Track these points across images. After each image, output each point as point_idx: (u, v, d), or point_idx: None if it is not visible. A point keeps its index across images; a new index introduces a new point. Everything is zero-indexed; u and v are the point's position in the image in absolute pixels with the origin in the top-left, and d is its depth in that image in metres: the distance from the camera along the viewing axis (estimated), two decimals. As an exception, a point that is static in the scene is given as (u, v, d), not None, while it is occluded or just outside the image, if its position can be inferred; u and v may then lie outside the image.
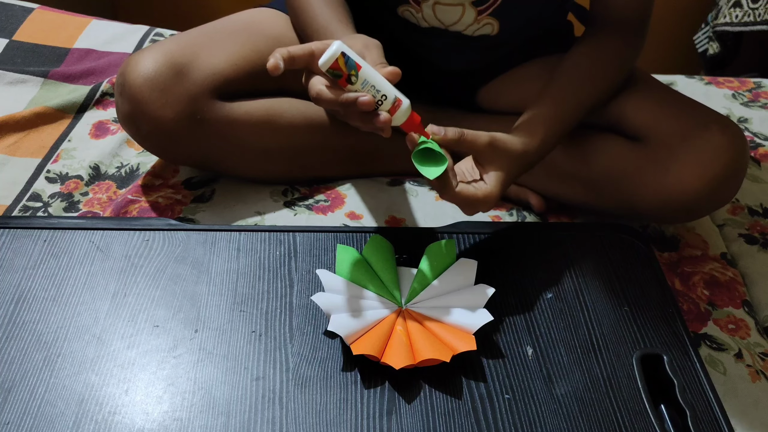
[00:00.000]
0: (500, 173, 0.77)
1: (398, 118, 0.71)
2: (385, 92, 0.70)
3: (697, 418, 0.68)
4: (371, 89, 0.69)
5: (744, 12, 1.66)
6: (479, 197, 0.75)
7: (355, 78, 0.69)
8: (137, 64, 0.87)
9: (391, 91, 0.71)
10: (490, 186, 0.76)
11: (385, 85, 0.70)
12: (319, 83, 0.71)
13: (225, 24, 0.98)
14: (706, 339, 0.85)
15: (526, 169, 0.82)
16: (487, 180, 0.77)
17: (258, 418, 0.66)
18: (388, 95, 0.70)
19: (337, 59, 0.68)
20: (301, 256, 0.82)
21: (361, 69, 0.69)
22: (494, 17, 0.93)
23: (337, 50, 0.68)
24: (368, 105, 0.69)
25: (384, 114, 0.70)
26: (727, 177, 0.85)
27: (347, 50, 0.69)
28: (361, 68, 0.69)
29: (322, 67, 0.69)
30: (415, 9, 0.93)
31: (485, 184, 0.76)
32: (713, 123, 0.85)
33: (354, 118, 0.72)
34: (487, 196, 0.75)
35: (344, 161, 1.02)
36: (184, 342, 0.73)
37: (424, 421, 0.67)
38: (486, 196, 0.75)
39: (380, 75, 0.71)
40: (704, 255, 0.96)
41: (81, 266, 0.79)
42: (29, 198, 0.98)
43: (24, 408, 0.66)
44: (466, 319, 0.73)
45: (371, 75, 0.70)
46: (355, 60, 0.69)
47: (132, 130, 0.90)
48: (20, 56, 1.21)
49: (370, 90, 0.69)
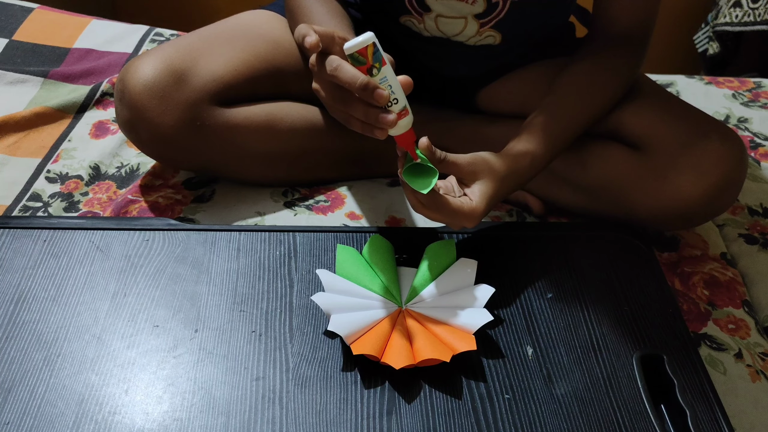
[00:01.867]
0: (484, 190, 0.77)
1: (400, 127, 0.72)
2: (398, 96, 0.70)
3: (697, 418, 0.68)
4: (387, 88, 0.70)
5: (744, 12, 1.66)
6: (465, 211, 0.75)
7: (376, 71, 0.69)
8: (137, 70, 0.87)
9: (403, 97, 0.71)
10: (474, 201, 0.76)
11: (400, 90, 0.71)
12: (338, 60, 0.70)
13: (224, 27, 0.97)
14: (706, 339, 0.85)
15: (517, 187, 0.82)
16: (471, 195, 0.77)
17: (258, 418, 0.66)
18: (399, 99, 0.70)
19: (367, 46, 0.68)
20: (301, 256, 0.82)
21: (386, 65, 0.69)
22: (496, 29, 0.92)
23: (369, 38, 0.68)
24: (383, 99, 0.69)
25: (392, 114, 0.70)
26: (726, 186, 0.85)
27: (380, 49, 0.69)
28: (385, 64, 0.69)
29: (349, 50, 0.68)
30: (417, 20, 0.93)
31: (470, 200, 0.76)
32: (712, 132, 0.85)
33: (358, 113, 0.72)
34: (473, 210, 0.76)
35: (345, 164, 1.01)
36: (184, 342, 0.73)
37: (424, 421, 0.67)
38: (472, 210, 0.76)
39: (399, 84, 0.71)
40: (704, 255, 0.96)
41: (81, 266, 0.79)
42: (29, 198, 0.98)
43: (24, 408, 0.66)
44: (466, 319, 0.73)
45: (391, 74, 0.70)
46: (382, 54, 0.69)
47: (132, 137, 0.90)
48: (20, 56, 1.21)
49: (386, 89, 0.70)
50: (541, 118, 0.84)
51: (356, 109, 0.72)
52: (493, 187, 0.78)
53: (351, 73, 0.69)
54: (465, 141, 1.02)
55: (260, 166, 0.96)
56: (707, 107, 1.23)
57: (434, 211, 0.75)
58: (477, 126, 1.03)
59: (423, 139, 0.74)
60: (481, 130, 1.02)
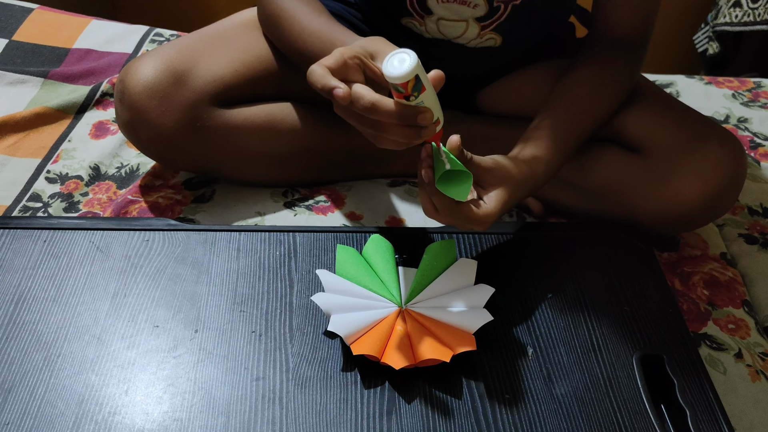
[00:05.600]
0: (501, 195, 0.76)
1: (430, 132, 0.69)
2: (434, 110, 0.67)
3: (697, 418, 0.68)
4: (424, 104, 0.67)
5: (744, 12, 1.66)
6: (479, 216, 0.74)
7: (413, 98, 0.66)
8: (137, 71, 0.87)
9: (438, 108, 0.68)
10: (489, 206, 0.75)
11: (436, 103, 0.68)
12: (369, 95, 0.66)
13: (224, 28, 0.97)
14: (706, 339, 0.85)
15: (530, 193, 0.81)
16: (487, 200, 0.75)
17: (258, 418, 0.66)
18: (435, 112, 0.68)
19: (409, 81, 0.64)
20: (301, 256, 0.82)
21: (425, 91, 0.65)
22: (497, 32, 0.92)
23: (413, 71, 0.63)
24: (427, 121, 0.67)
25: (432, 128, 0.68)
26: (725, 189, 0.85)
27: (422, 72, 0.65)
28: (425, 90, 0.65)
29: (393, 80, 0.64)
30: (419, 22, 0.93)
31: (485, 204, 0.75)
32: (712, 135, 0.85)
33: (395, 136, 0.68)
34: (487, 215, 0.74)
35: (345, 164, 1.01)
36: (184, 342, 0.73)
37: (424, 421, 0.67)
38: (486, 215, 0.74)
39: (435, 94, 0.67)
40: (704, 255, 0.96)
41: (81, 266, 0.79)
42: (29, 198, 0.98)
43: (24, 408, 0.66)
44: (466, 319, 0.73)
45: (430, 97, 0.67)
46: (423, 82, 0.65)
47: (132, 138, 0.90)
48: (20, 56, 1.21)
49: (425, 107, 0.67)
50: (551, 123, 0.84)
51: (393, 132, 0.68)
52: (509, 193, 0.76)
53: (388, 109, 0.66)
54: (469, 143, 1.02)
55: (260, 167, 0.96)
56: (707, 107, 1.23)
57: (449, 216, 0.74)
58: (477, 126, 1.03)
59: (454, 137, 0.71)
60: (482, 132, 1.02)
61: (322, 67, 0.68)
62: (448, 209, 0.73)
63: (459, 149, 0.72)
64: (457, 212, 0.73)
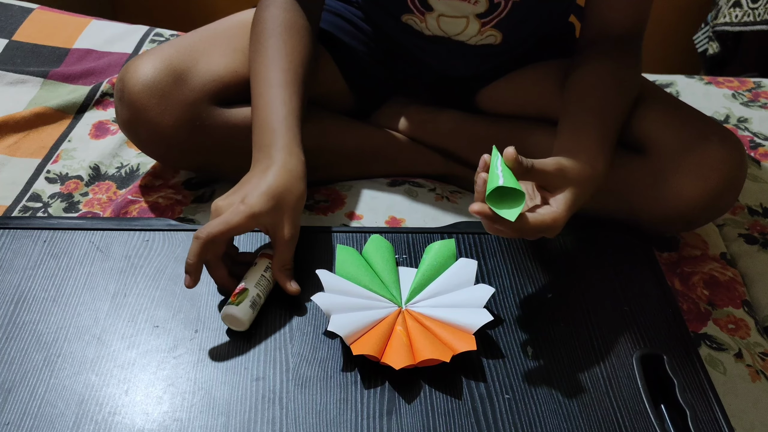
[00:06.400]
0: (569, 197, 0.73)
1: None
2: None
3: (697, 418, 0.68)
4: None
5: (744, 12, 1.66)
6: (548, 223, 0.70)
7: None
8: (136, 70, 0.87)
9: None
10: (558, 210, 0.71)
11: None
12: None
13: (224, 27, 0.97)
14: (706, 339, 0.85)
15: (594, 191, 0.77)
16: (554, 204, 0.72)
17: (258, 418, 0.66)
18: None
19: None
20: (301, 256, 0.82)
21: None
22: (497, 29, 0.92)
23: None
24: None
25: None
26: (726, 189, 0.84)
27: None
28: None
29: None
30: (419, 19, 0.93)
31: (552, 207, 0.72)
32: (713, 135, 0.85)
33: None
34: (555, 220, 0.71)
35: (345, 164, 1.01)
36: (184, 342, 0.73)
37: (424, 421, 0.67)
38: (554, 221, 0.71)
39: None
40: (704, 255, 0.96)
41: (81, 267, 0.79)
42: (29, 198, 0.98)
43: (24, 408, 0.66)
44: (466, 319, 0.73)
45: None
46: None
47: (131, 136, 0.90)
48: (20, 56, 1.21)
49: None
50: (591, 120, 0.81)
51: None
52: (576, 194, 0.73)
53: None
54: (469, 142, 1.02)
55: (260, 167, 0.96)
56: (707, 107, 1.23)
57: (515, 232, 0.70)
58: (478, 126, 1.03)
59: (510, 149, 0.68)
60: (483, 131, 1.02)
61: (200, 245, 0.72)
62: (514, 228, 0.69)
63: (516, 160, 0.69)
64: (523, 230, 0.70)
